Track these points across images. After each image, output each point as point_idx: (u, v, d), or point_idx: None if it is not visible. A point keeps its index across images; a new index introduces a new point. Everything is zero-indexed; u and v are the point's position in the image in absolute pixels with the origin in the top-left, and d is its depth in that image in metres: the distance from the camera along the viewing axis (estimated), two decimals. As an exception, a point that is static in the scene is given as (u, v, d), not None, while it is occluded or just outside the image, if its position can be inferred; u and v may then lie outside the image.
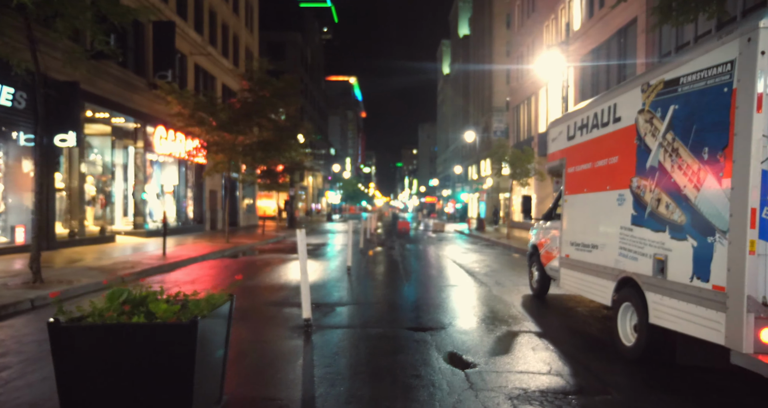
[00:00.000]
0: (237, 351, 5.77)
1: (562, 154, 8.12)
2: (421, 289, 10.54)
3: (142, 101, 21.75)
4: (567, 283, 7.78)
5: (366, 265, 15.02)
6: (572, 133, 7.70)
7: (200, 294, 4.11)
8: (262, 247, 21.56)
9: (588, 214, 7.09)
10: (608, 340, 6.57)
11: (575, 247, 7.42)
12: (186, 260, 15.15)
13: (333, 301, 9.11)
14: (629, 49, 21.90)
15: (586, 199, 7.13)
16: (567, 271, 7.72)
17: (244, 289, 10.43)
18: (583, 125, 7.26)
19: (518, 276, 12.94)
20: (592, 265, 6.79)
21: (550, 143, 8.78)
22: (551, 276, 9.34)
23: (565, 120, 8.07)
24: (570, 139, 7.78)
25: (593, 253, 6.79)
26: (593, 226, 6.88)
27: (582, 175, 7.26)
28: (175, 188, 26.99)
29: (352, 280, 11.70)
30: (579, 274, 7.26)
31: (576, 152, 7.52)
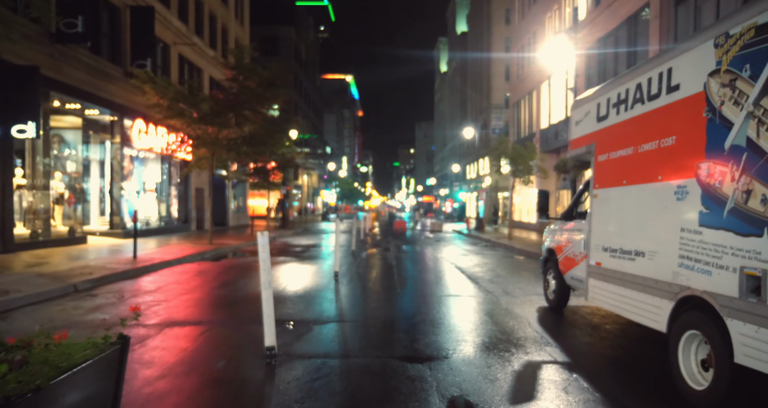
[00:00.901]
0: (157, 395, 4.30)
1: (589, 139, 6.65)
2: (417, 301, 9.06)
3: (118, 92, 20.22)
4: (598, 298, 6.30)
5: (357, 269, 13.54)
6: (604, 113, 6.23)
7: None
8: (247, 248, 20.06)
9: (629, 213, 5.62)
10: (661, 375, 5.11)
11: (610, 253, 5.95)
12: (158, 264, 13.65)
13: (312, 316, 7.62)
14: (640, 37, 20.46)
15: (625, 194, 5.66)
16: (598, 282, 6.25)
17: (214, 299, 8.94)
18: (621, 101, 5.80)
19: (528, 283, 11.48)
20: (637, 278, 5.32)
21: (572, 127, 7.31)
22: (572, 286, 7.88)
23: (594, 97, 6.59)
24: (601, 120, 6.31)
25: (637, 262, 5.33)
26: (637, 228, 5.41)
27: (619, 163, 5.79)
28: (158, 186, 25.45)
29: (339, 289, 10.22)
30: (616, 288, 5.79)
31: (610, 135, 6.05)
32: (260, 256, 5.12)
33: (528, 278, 12.26)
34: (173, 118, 18.91)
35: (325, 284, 10.80)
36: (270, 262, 5.24)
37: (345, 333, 6.68)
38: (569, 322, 7.61)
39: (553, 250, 8.49)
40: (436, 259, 16.78)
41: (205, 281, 11.20)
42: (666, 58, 4.95)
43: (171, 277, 11.92)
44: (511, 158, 25.62)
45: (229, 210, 36.09)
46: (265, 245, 5.10)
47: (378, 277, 12.36)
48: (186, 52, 27.06)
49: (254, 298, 9.17)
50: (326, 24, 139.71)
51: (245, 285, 10.73)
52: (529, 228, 36.00)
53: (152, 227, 24.10)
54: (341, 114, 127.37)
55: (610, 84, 6.18)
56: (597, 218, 6.41)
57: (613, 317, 7.78)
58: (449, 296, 9.51)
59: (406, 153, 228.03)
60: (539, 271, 13.94)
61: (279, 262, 15.18)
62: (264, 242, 5.09)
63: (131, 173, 22.70)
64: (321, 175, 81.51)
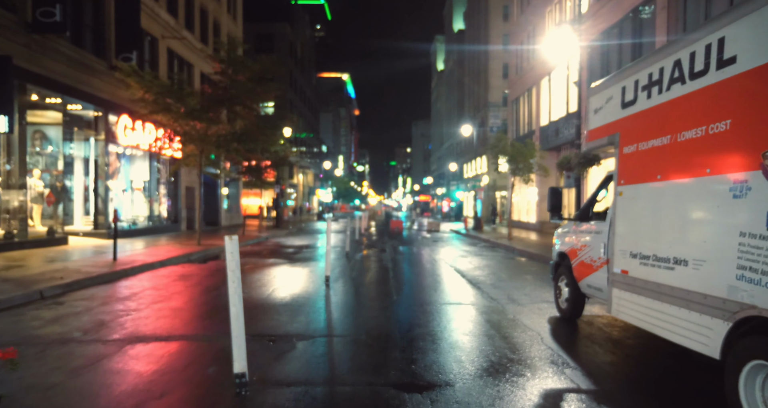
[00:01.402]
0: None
1: (612, 128, 5.82)
2: (415, 310, 8.21)
3: (102, 86, 19.32)
4: (625, 312, 5.47)
5: (350, 273, 12.69)
6: (631, 97, 5.40)
7: None
8: (239, 249, 19.16)
9: (665, 213, 4.79)
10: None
11: (640, 260, 5.12)
12: (139, 267, 12.79)
13: (297, 329, 6.76)
14: (646, 29, 19.66)
15: (660, 191, 4.83)
16: (625, 294, 5.42)
17: (192, 307, 8.08)
18: (653, 82, 4.97)
19: (533, 288, 10.65)
20: (677, 291, 4.50)
21: (590, 117, 6.48)
22: (588, 295, 7.05)
23: (618, 80, 5.75)
24: (627, 106, 5.49)
25: (678, 272, 4.50)
26: (677, 231, 4.59)
27: (652, 155, 4.96)
28: (146, 184, 24.54)
29: (330, 296, 9.38)
30: (648, 302, 4.96)
31: (639, 123, 5.22)
32: (228, 266, 4.27)
33: (533, 283, 11.44)
34: (159, 113, 18.03)
35: (315, 290, 9.95)
36: (241, 269, 4.38)
37: (333, 351, 5.83)
38: (586, 335, 6.78)
39: (566, 255, 7.66)
40: (434, 261, 15.95)
41: (186, 287, 10.34)
42: (714, 28, 4.12)
43: (150, 281, 11.06)
44: (511, 156, 24.81)
45: (221, 209, 35.21)
46: (234, 252, 4.26)
47: (372, 281, 11.52)
48: (175, 47, 26.15)
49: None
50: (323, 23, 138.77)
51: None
52: (529, 228, 35.22)
53: (139, 227, 23.21)
54: (337, 113, 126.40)
55: (639, 63, 5.34)
56: (622, 219, 5.57)
57: (633, 329, 6.96)
58: (450, 305, 8.66)
59: (402, 152, 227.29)
60: (545, 275, 13.15)
61: (268, 264, 14.34)
62: (233, 248, 4.25)
63: (117, 171, 21.81)
64: (317, 174, 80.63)
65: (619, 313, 5.56)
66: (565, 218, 7.64)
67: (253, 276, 12.04)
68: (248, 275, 12.15)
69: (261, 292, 9.70)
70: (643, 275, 5.06)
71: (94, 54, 19.02)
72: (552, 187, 7.56)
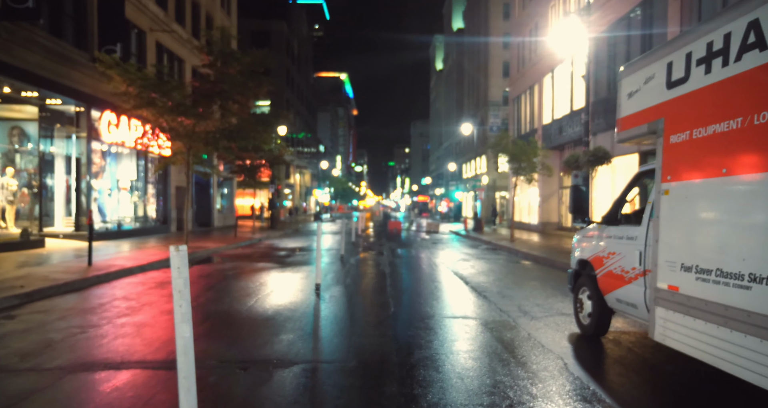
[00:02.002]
0: None
1: (654, 113, 4.82)
2: (415, 327, 7.21)
3: (84, 80, 18.30)
4: (674, 338, 4.47)
5: (344, 280, 11.69)
6: (681, 74, 4.41)
7: None
8: (228, 252, 18.20)
9: (737, 216, 3.80)
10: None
11: (697, 275, 4.13)
12: (115, 273, 11.78)
13: (275, 352, 5.75)
14: (657, 19, 18.70)
15: (729, 188, 3.85)
16: (674, 316, 4.42)
17: (160, 323, 7.06)
18: (714, 53, 3.98)
19: (545, 297, 9.66)
20: (755, 317, 3.50)
21: (623, 102, 5.49)
22: (617, 311, 6.06)
23: (662, 55, 4.76)
24: (675, 85, 4.49)
25: (756, 292, 3.51)
26: (755, 239, 3.59)
27: (713, 143, 3.98)
28: (133, 184, 23.52)
29: (320, 308, 8.37)
30: (710, 328, 3.97)
31: (694, 104, 4.24)
32: (174, 285, 3.27)
33: (543, 290, 10.44)
34: (143, 108, 16.99)
35: (303, 300, 8.94)
36: (226, 275, 3.37)
37: (317, 384, 4.81)
38: (616, 359, 5.79)
39: (589, 263, 6.66)
40: (434, 265, 14.95)
41: (161, 296, 9.32)
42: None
43: (123, 289, 10.05)
44: (513, 155, 23.84)
45: (214, 210, 34.18)
46: (181, 267, 3.25)
47: (368, 290, 10.51)
48: (165, 41, 25.13)
49: (214, 323, 7.31)
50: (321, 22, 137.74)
51: (209, 302, 8.86)
52: (530, 229, 34.24)
53: (126, 229, 22.18)
54: (335, 112, 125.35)
55: (693, 32, 4.34)
56: (670, 223, 4.57)
57: (667, 350, 5.95)
58: (454, 319, 7.66)
59: (401, 152, 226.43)
60: (554, 281, 12.11)
61: (256, 269, 13.32)
62: (180, 262, 3.24)
63: (103, 170, 20.78)
64: (314, 174, 79.61)
65: (666, 339, 4.56)
66: (593, 221, 6.61)
67: (237, 283, 11.02)
68: (232, 282, 11.14)
69: (242, 303, 8.69)
70: (701, 294, 4.06)
71: (74, 45, 18.00)
72: (575, 185, 6.55)
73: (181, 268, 3.29)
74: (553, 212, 32.80)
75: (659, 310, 4.61)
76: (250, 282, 11.15)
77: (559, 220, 32.31)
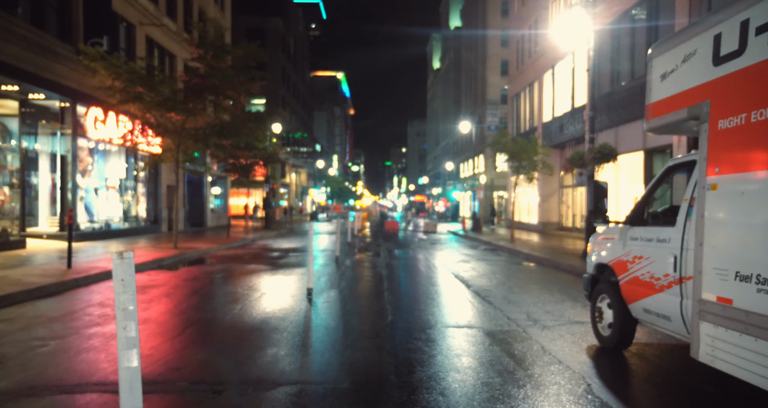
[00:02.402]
0: None
1: (695, 95, 4.15)
2: (415, 338, 6.53)
3: (69, 74, 17.55)
4: (728, 360, 3.78)
5: (338, 283, 10.99)
6: (734, 47, 3.73)
7: None
8: (219, 253, 17.48)
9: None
10: None
11: (759, 286, 3.45)
12: (95, 276, 11.05)
13: (256, 371, 5.05)
14: (663, 12, 18.06)
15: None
16: (727, 334, 3.74)
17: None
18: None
19: (554, 302, 8.98)
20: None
21: (654, 85, 4.82)
22: (644, 322, 5.39)
23: (706, 27, 4.08)
24: (726, 61, 3.82)
25: None
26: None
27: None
28: (122, 182, 22.77)
29: (311, 316, 7.68)
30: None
31: (750, 83, 3.56)
32: (117, 302, 2.58)
33: (551, 294, 9.76)
34: (130, 103, 16.28)
35: (294, 306, 8.24)
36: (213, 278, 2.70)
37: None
38: (645, 377, 5.10)
39: (609, 268, 5.98)
40: (433, 267, 14.27)
41: (141, 302, 8.60)
42: None
43: (101, 294, 9.34)
44: (513, 153, 23.17)
45: (207, 209, 33.44)
46: (126, 280, 2.56)
47: (364, 294, 9.82)
48: (155, 35, 24.39)
49: (193, 333, 6.61)
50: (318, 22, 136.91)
51: (192, 308, 8.16)
52: (530, 229, 33.59)
53: (114, 229, 21.44)
54: (332, 112, 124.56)
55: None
56: (718, 224, 3.89)
57: (701, 367, 5.25)
58: (458, 328, 6.97)
59: (398, 152, 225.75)
60: (561, 284, 11.37)
61: (247, 272, 12.62)
62: (124, 273, 2.55)
63: (90, 168, 20.04)
64: (310, 173, 78.87)
65: (715, 361, 3.88)
66: (614, 221, 5.92)
67: (225, 287, 10.32)
68: (219, 286, 10.44)
69: (227, 310, 7.99)
70: (764, 309, 3.38)
71: (58, 38, 17.25)
72: (596, 181, 5.86)
73: (127, 280, 2.60)
74: (553, 212, 32.15)
75: (705, 326, 3.93)
76: (238, 286, 10.45)
77: (559, 220, 31.66)
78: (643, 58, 19.59)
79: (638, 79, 19.78)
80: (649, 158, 19.90)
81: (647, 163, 19.87)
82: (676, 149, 17.08)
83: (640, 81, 19.60)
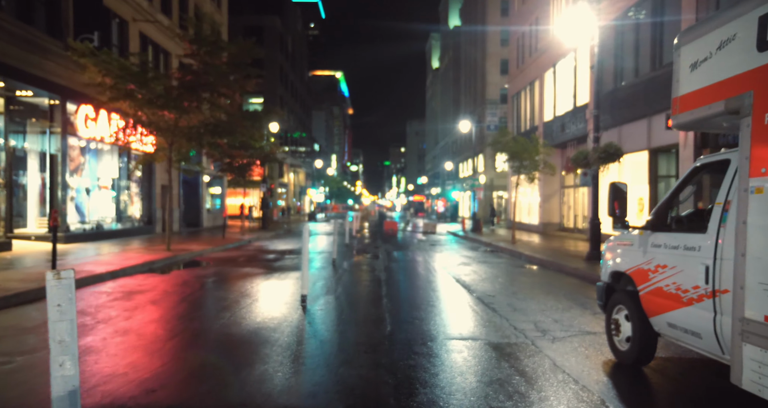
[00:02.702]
0: None
1: (734, 85, 3.67)
2: (416, 353, 6.05)
3: (59, 71, 17.05)
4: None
5: (335, 288, 10.50)
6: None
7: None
8: (213, 255, 16.99)
9: None
10: None
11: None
12: (83, 280, 10.55)
13: (242, 395, 4.53)
14: (669, 8, 17.58)
15: None
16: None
17: (108, 347, 5.85)
18: None
19: (562, 309, 8.49)
20: None
21: (682, 76, 4.34)
22: (668, 337, 4.90)
23: (748, 8, 3.59)
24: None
25: None
26: None
27: None
28: (115, 182, 22.26)
29: (305, 326, 7.19)
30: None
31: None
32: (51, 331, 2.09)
33: (557, 301, 9.27)
34: (121, 100, 15.78)
35: (287, 316, 7.74)
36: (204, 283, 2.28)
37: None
38: (669, 400, 4.62)
39: (627, 276, 5.50)
40: (433, 270, 13.78)
41: (123, 310, 8.10)
42: None
43: (84, 301, 8.83)
44: (514, 152, 22.69)
45: (203, 210, 32.93)
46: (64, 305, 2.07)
47: (361, 301, 9.33)
48: (150, 32, 23.87)
49: (176, 346, 6.11)
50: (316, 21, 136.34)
51: (179, 317, 7.66)
52: (530, 230, 33.12)
53: (107, 229, 20.93)
54: (330, 111, 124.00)
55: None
56: (763, 232, 3.40)
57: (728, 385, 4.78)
58: (462, 340, 6.49)
59: (397, 152, 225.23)
60: (567, 289, 10.79)
61: (240, 276, 12.13)
62: (61, 298, 2.06)
63: (82, 167, 19.54)
64: (309, 173, 78.36)
65: (763, 390, 3.39)
66: (634, 226, 5.42)
67: (215, 293, 9.83)
68: (210, 291, 9.94)
69: (215, 319, 7.50)
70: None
71: (47, 33, 16.74)
72: (614, 183, 5.37)
73: (64, 306, 2.12)
74: (554, 212, 31.68)
75: (750, 350, 3.45)
76: (230, 291, 9.96)
77: (560, 221, 31.19)
78: (647, 55, 19.12)
79: (642, 76, 19.31)
80: (654, 158, 19.42)
81: (652, 163, 19.38)
82: (683, 148, 16.60)
83: (644, 78, 19.12)
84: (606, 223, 20.47)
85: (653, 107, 18.53)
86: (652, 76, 18.67)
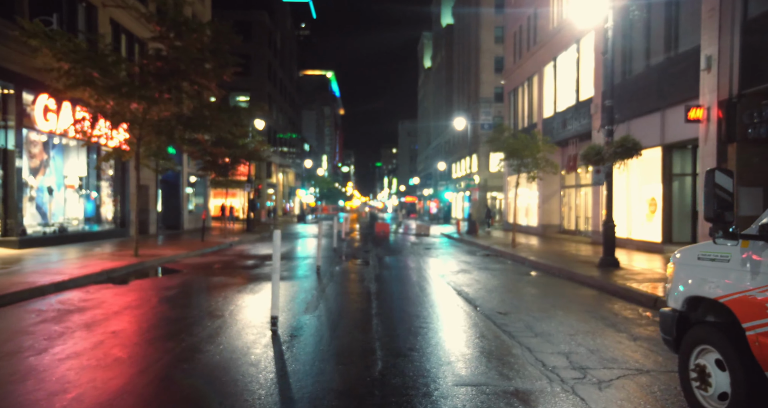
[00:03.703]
0: None
1: None
2: (414, 397, 4.40)
3: (12, 57, 15.27)
4: None
5: (315, 306, 8.83)
6: None
7: None
8: (187, 261, 15.29)
9: None
10: None
11: None
12: (16, 294, 8.85)
13: None
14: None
15: None
16: None
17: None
18: None
19: (594, 334, 6.85)
20: None
21: None
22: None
23: None
24: None
25: None
26: None
27: None
28: (83, 181, 20.48)
29: (270, 370, 5.51)
30: None
31: None
32: None
33: (584, 322, 7.64)
34: (80, 87, 14.03)
35: (251, 347, 6.06)
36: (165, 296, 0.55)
37: None
38: None
39: (721, 305, 3.87)
40: (430, 279, 12.14)
41: (36, 341, 6.38)
42: None
43: (5, 321, 7.13)
44: (513, 150, 21.13)
45: (184, 211, 31.12)
46: None
47: (347, 325, 7.64)
48: (122, 19, 22.09)
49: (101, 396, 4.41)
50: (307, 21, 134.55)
51: (104, 353, 5.96)
52: (529, 232, 31.58)
53: (72, 232, 19.13)
54: (321, 111, 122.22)
55: None
56: None
57: None
58: (477, 387, 4.84)
59: (388, 152, 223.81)
60: (590, 306, 8.81)
61: (210, 287, 10.45)
62: None
63: (44, 164, 17.76)
64: (299, 173, 76.58)
65: None
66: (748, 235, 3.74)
67: (173, 311, 8.13)
68: (167, 309, 8.23)
69: (155, 354, 5.80)
70: None
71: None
72: (716, 170, 3.72)
73: None
74: (554, 214, 30.16)
75: None
76: (191, 308, 8.29)
77: (560, 223, 29.69)
78: (660, 41, 17.61)
79: (655, 65, 17.79)
80: (668, 155, 17.91)
81: (665, 161, 17.87)
82: (703, 143, 15.05)
83: (657, 68, 17.61)
84: (621, 226, 18.93)
85: (668, 99, 17.02)
86: (666, 64, 17.16)
